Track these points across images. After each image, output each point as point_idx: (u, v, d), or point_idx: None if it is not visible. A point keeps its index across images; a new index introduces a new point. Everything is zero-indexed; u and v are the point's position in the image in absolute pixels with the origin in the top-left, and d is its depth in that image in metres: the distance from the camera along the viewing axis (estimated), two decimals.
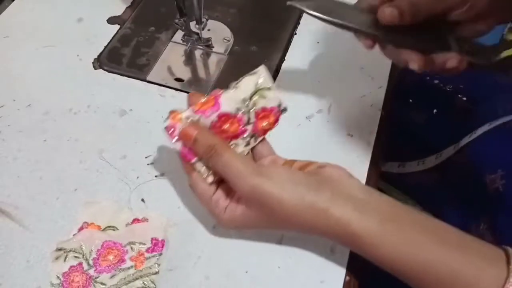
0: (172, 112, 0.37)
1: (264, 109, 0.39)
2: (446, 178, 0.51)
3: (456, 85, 0.57)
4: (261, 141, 0.40)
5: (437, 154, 0.53)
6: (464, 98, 0.55)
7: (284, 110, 0.40)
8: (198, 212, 0.43)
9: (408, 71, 0.39)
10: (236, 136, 0.38)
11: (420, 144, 0.56)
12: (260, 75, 0.38)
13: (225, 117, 0.37)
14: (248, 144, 0.40)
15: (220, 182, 0.38)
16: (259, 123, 0.39)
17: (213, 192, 0.38)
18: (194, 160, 0.37)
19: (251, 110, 0.38)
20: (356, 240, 0.34)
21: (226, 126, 0.37)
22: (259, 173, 0.34)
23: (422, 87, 0.58)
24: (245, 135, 0.39)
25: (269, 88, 0.38)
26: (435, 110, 0.42)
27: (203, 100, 0.37)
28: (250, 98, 0.38)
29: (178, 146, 0.37)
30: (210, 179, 0.38)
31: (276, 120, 0.40)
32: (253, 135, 0.39)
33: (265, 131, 0.40)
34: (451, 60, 0.39)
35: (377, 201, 0.35)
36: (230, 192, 0.37)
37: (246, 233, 0.42)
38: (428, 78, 0.59)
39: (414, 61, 0.38)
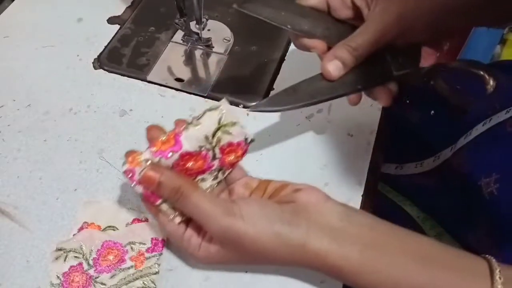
0: (129, 154, 0.34)
1: (230, 144, 0.36)
2: (443, 180, 0.51)
3: (453, 85, 0.56)
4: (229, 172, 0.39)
5: (435, 157, 0.53)
6: (462, 98, 0.55)
7: (252, 141, 0.37)
8: None
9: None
10: (202, 171, 0.36)
11: (418, 145, 0.56)
12: (222, 111, 0.35)
13: (188, 156, 0.34)
14: (216, 177, 0.38)
15: (190, 219, 0.36)
16: (226, 158, 0.37)
17: (183, 231, 0.36)
18: (158, 202, 0.34)
19: (215, 147, 0.36)
20: (337, 271, 0.33)
21: (190, 164, 0.35)
22: (230, 212, 0.33)
23: (419, 87, 0.58)
24: (212, 169, 0.37)
25: (234, 123, 0.36)
26: (432, 111, 0.42)
27: (163, 138, 0.34)
28: (213, 135, 0.35)
29: (139, 189, 0.34)
30: (178, 219, 0.35)
31: (244, 153, 0.38)
32: (220, 169, 0.37)
33: (232, 164, 0.38)
34: (380, 100, 0.40)
35: (356, 226, 0.33)
36: (201, 228, 0.35)
37: None
38: (425, 79, 0.59)
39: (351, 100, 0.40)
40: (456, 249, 0.34)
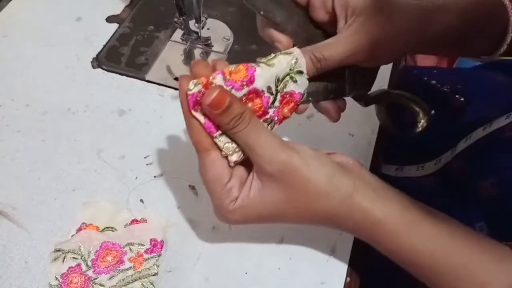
0: (196, 72, 0.32)
1: (291, 94, 0.35)
2: (443, 183, 0.51)
3: (454, 86, 0.56)
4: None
5: (436, 160, 0.52)
6: (462, 99, 0.55)
7: (307, 98, 0.36)
8: (198, 213, 0.43)
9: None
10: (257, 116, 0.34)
11: (418, 147, 0.55)
12: (295, 56, 0.34)
13: (253, 94, 0.33)
14: None
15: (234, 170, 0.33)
16: (282, 109, 0.35)
17: (228, 179, 0.32)
18: (217, 133, 0.32)
19: (279, 92, 0.34)
20: (377, 228, 0.32)
21: (249, 104, 0.33)
22: (288, 147, 0.31)
23: (420, 88, 0.58)
24: (265, 118, 0.35)
25: (301, 73, 0.34)
26: (432, 111, 0.42)
27: (232, 68, 0.32)
28: (282, 79, 0.34)
29: (200, 117, 0.31)
30: (235, 157, 0.32)
31: (295, 107, 0.36)
32: (270, 121, 0.36)
33: (283, 119, 0.36)
34: (328, 116, 0.39)
35: (394, 191, 0.33)
36: (244, 181, 0.33)
37: (246, 233, 0.41)
38: (425, 78, 0.59)
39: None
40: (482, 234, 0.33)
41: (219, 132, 0.32)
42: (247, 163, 0.33)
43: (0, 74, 0.53)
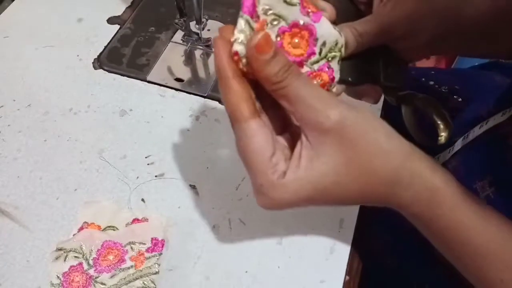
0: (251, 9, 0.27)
1: (331, 70, 0.32)
2: None
3: (451, 86, 0.56)
4: None
5: (435, 158, 0.53)
6: (460, 99, 0.55)
7: (348, 80, 0.34)
8: (199, 212, 0.43)
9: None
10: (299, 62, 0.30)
11: (417, 146, 0.56)
12: (342, 36, 0.32)
13: (303, 32, 0.29)
14: None
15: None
16: (315, 77, 0.32)
17: (272, 153, 0.27)
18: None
19: (324, 58, 0.31)
20: (437, 199, 0.28)
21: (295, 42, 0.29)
22: (342, 101, 0.27)
23: (417, 88, 0.58)
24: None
25: (340, 55, 0.32)
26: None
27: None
28: (329, 48, 0.31)
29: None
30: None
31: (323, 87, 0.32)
32: None
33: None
34: (367, 98, 0.38)
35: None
36: (289, 157, 0.29)
37: (246, 233, 0.42)
38: (423, 79, 0.59)
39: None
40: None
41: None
42: (288, 140, 0.30)
43: (1, 75, 0.53)
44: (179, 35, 0.58)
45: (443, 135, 0.36)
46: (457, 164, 0.47)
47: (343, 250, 0.41)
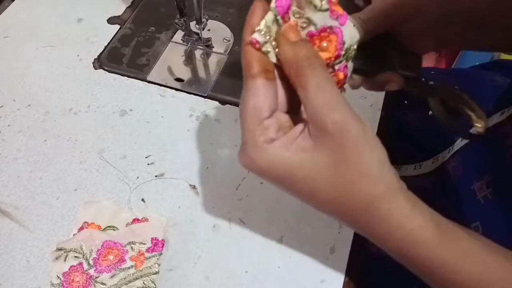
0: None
1: (346, 70, 0.32)
2: (440, 183, 0.51)
3: (451, 86, 0.56)
4: None
5: (434, 159, 0.53)
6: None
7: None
8: (198, 212, 0.43)
9: None
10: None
11: (416, 146, 0.55)
12: (358, 33, 0.32)
13: (331, 36, 0.29)
14: None
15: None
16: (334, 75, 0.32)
17: (267, 116, 0.28)
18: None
19: (345, 60, 0.31)
20: (412, 238, 0.28)
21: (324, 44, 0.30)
22: (350, 109, 0.27)
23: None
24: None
25: (355, 49, 0.32)
26: (430, 112, 0.42)
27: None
28: (349, 47, 0.31)
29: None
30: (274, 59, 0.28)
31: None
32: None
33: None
34: (391, 84, 0.37)
35: (425, 205, 0.30)
36: (285, 130, 0.28)
37: (246, 232, 0.42)
38: (423, 79, 0.59)
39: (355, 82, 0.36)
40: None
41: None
42: (293, 103, 0.30)
43: (1, 75, 0.53)
44: (179, 35, 0.58)
45: (480, 126, 0.36)
46: (456, 164, 0.47)
47: (343, 250, 0.41)
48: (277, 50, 0.28)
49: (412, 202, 0.29)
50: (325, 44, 0.30)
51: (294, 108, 0.31)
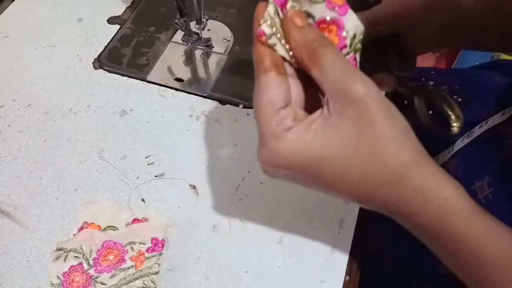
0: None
1: (355, 57, 0.32)
2: None
3: (451, 86, 0.56)
4: None
5: (434, 159, 0.53)
6: (459, 99, 0.55)
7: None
8: (199, 212, 0.43)
9: None
10: None
11: None
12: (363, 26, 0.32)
13: (332, 26, 0.30)
14: None
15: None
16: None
17: (282, 106, 0.27)
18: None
19: (353, 52, 0.31)
20: (446, 209, 0.26)
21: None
22: (370, 79, 0.27)
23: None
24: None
25: (360, 41, 0.32)
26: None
27: None
28: (358, 40, 0.31)
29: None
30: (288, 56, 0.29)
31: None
32: None
33: None
34: (382, 86, 0.37)
35: None
36: (301, 119, 0.28)
37: (246, 232, 0.42)
38: (423, 79, 0.59)
39: None
40: None
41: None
42: (307, 107, 0.30)
43: (1, 75, 0.53)
44: (179, 35, 0.58)
45: (455, 126, 0.36)
46: (456, 165, 0.47)
47: (343, 250, 0.41)
48: (283, 42, 0.29)
49: (441, 171, 0.27)
50: (325, 35, 0.30)
51: (308, 109, 0.30)
